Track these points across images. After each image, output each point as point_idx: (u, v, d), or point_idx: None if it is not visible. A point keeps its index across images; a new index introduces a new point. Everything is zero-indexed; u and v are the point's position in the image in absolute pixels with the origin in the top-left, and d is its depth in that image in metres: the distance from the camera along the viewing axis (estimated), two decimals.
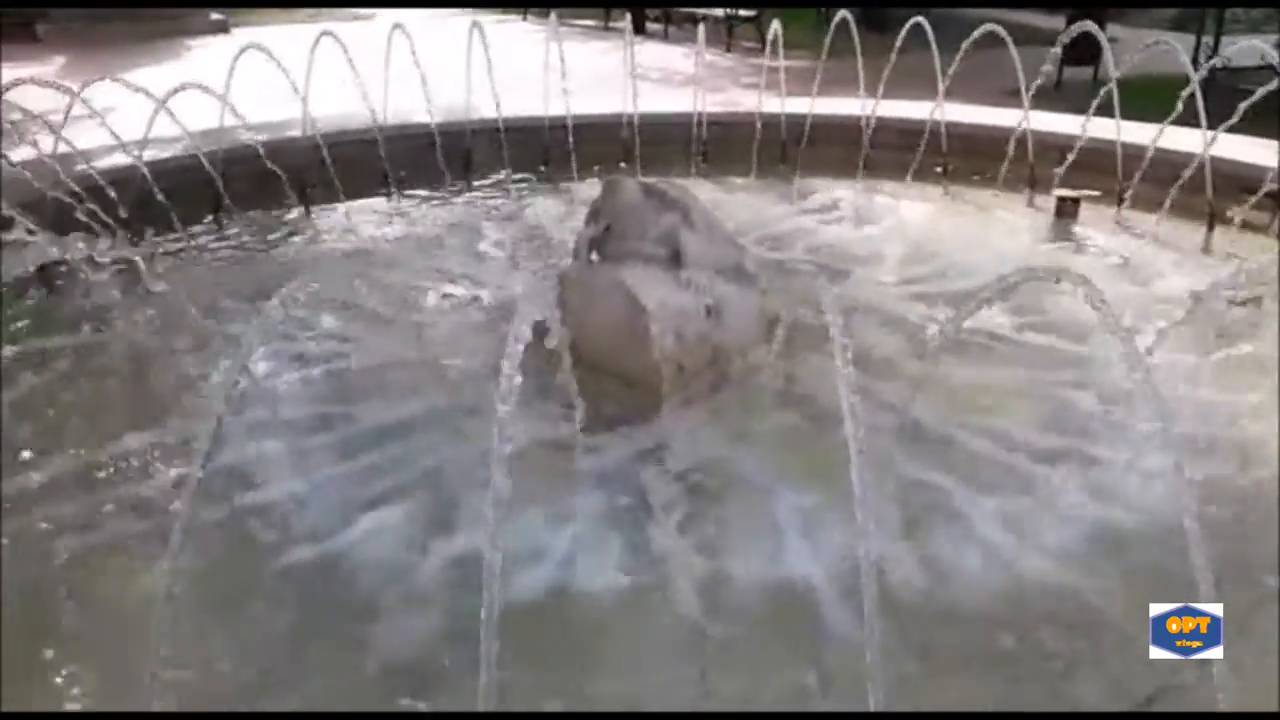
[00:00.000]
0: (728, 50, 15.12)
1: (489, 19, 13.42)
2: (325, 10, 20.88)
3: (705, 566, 2.57)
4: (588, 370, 3.50)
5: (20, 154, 3.93)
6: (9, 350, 3.31)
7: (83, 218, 3.89)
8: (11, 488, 2.78)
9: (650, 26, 17.61)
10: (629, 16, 7.75)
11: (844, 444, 1.78)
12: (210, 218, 5.13)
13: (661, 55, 13.82)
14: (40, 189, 3.87)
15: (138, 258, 3.55)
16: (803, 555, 2.61)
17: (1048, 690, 2.21)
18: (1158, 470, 2.83)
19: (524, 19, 19.17)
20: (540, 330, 2.85)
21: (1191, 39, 10.84)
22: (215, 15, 18.04)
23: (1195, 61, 10.51)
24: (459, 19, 5.91)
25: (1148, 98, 5.57)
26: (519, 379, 1.84)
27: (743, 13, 15.56)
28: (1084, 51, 10.58)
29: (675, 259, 3.67)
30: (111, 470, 2.95)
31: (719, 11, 15.67)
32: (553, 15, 6.87)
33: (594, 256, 3.87)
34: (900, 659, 2.15)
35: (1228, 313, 4.00)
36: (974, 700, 2.17)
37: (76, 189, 4.03)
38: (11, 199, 3.13)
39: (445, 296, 4.36)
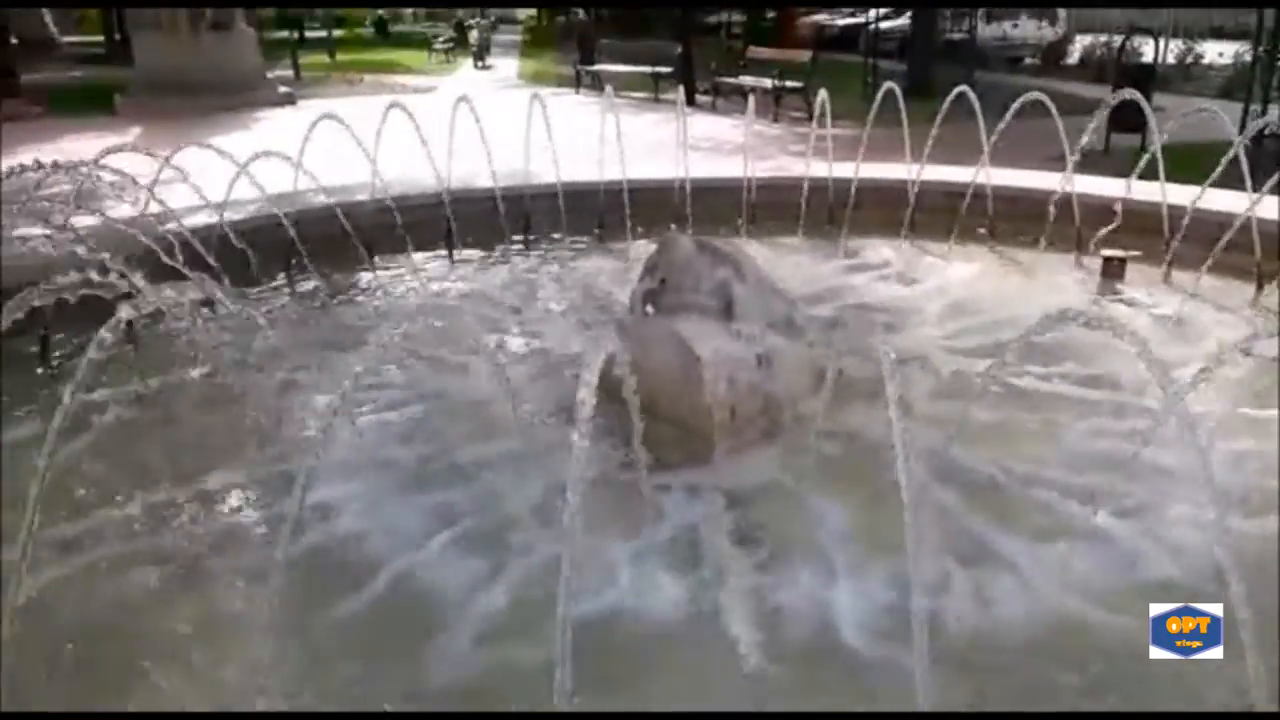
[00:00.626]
0: (775, 120, 15.43)
1: (544, 91, 13.93)
2: (386, 83, 21.73)
3: (757, 597, 2.69)
4: (643, 417, 3.67)
5: (120, 212, 4.22)
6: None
7: (178, 268, 4.17)
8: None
9: (699, 98, 18.05)
10: (680, 89, 8.04)
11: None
12: (283, 273, 5.42)
13: (711, 125, 14.19)
14: (143, 243, 4.16)
15: (247, 307, 3.78)
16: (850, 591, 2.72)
17: None
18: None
19: (577, 92, 19.75)
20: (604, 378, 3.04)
21: (1239, 107, 10.92)
22: (283, 89, 18.83)
23: (1243, 129, 10.60)
24: (517, 92, 6.23)
25: (1195, 163, 5.68)
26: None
27: (790, 84, 15.91)
28: (1131, 119, 10.74)
29: (727, 311, 3.84)
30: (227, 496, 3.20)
31: (767, 83, 16.04)
32: (608, 89, 7.16)
33: (649, 309, 4.06)
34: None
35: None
36: None
37: (171, 243, 4.32)
38: (118, 252, 3.38)
39: (507, 347, 4.56)
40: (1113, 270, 5.44)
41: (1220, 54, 19.92)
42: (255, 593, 2.48)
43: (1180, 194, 5.58)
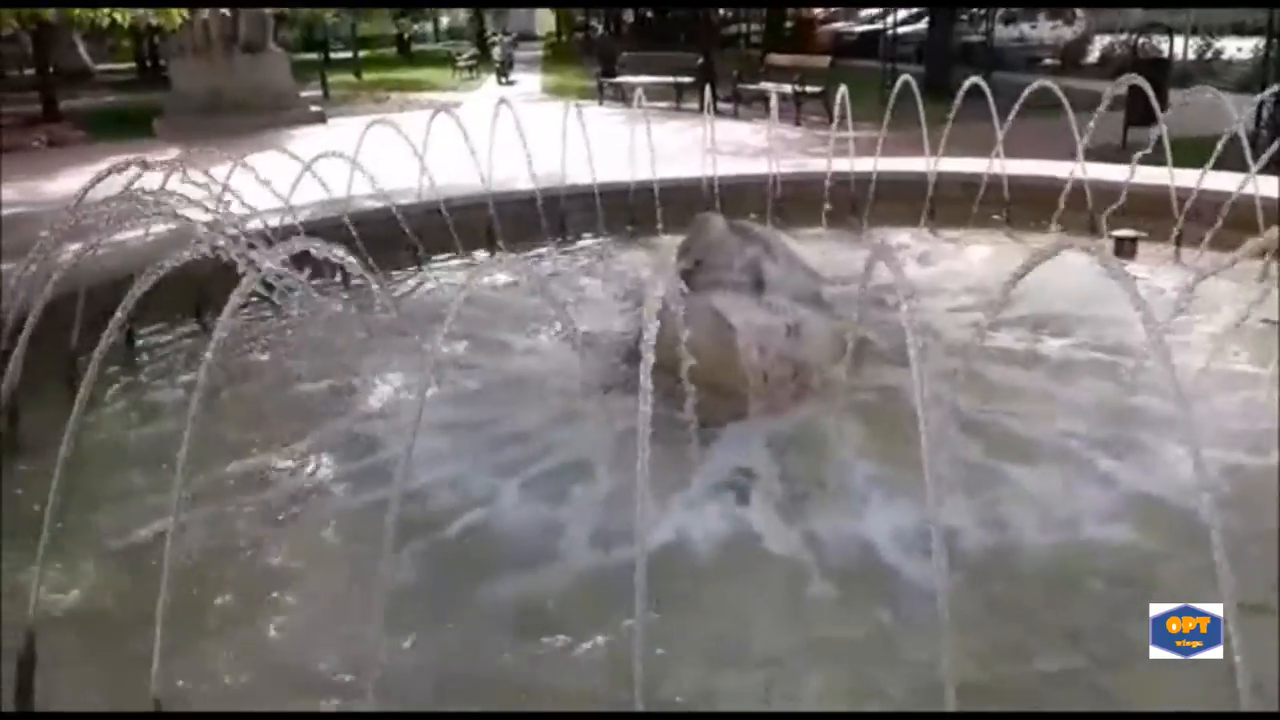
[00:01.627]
0: (796, 124, 15.75)
1: (563, 103, 14.30)
2: (412, 99, 22.26)
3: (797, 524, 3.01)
4: (683, 383, 4.01)
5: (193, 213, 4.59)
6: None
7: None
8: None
9: (721, 105, 18.40)
10: (707, 91, 8.37)
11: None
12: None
13: (734, 130, 14.52)
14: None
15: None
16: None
17: None
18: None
19: (600, 104, 20.15)
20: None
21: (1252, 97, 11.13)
22: (314, 108, 19.37)
23: (1259, 119, 10.82)
24: (542, 105, 6.66)
25: (1205, 151, 5.95)
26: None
27: (810, 89, 16.22)
28: (1148, 113, 10.97)
29: (758, 286, 4.16)
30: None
31: (787, 88, 16.36)
32: (638, 92, 7.53)
33: (684, 289, 4.38)
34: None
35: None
36: None
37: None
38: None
39: (552, 329, 4.91)
40: (1125, 250, 5.71)
41: (1239, 49, 20.03)
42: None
43: (1186, 177, 5.87)
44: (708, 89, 8.92)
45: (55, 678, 2.30)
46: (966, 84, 6.31)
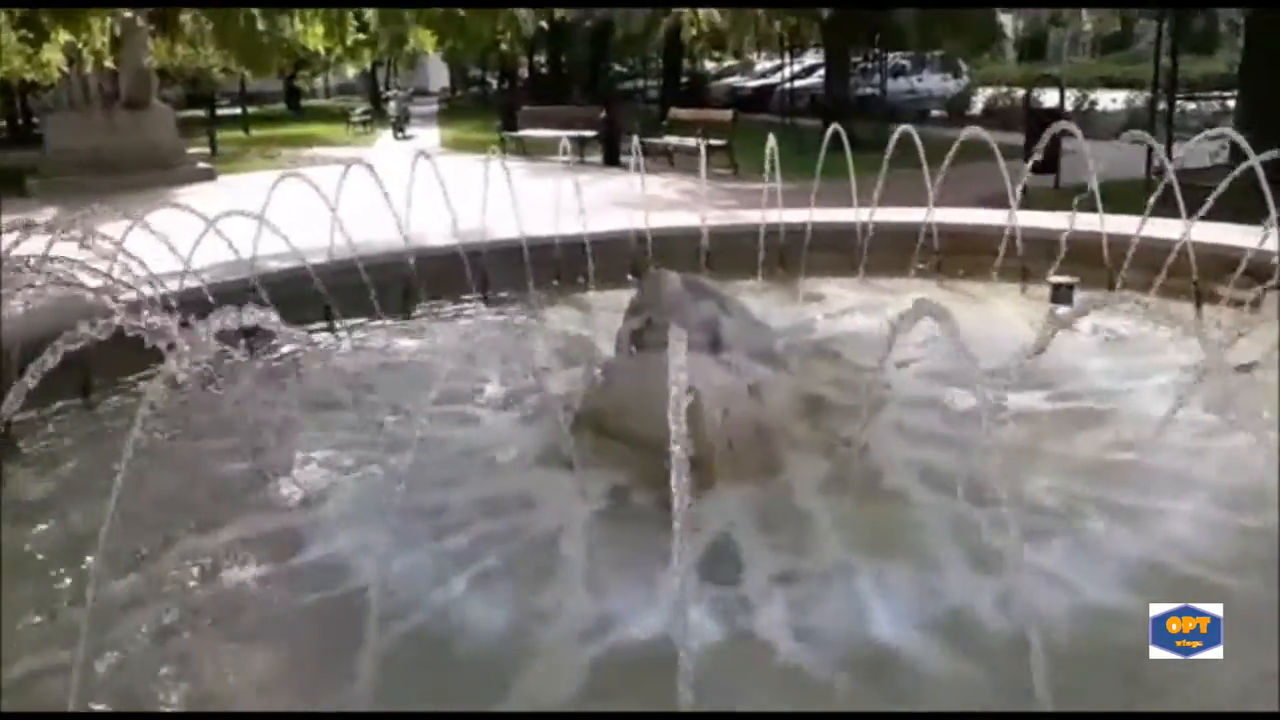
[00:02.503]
0: (702, 177, 15.76)
1: (463, 160, 13.93)
2: (305, 155, 21.65)
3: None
4: (638, 451, 3.71)
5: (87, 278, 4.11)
6: None
7: None
8: None
9: (624, 159, 18.39)
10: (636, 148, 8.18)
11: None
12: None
13: (635, 184, 14.42)
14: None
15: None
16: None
17: None
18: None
19: (501, 157, 19.91)
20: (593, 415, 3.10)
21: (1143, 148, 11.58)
22: (202, 165, 18.63)
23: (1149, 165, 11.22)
24: (443, 159, 6.36)
25: (1109, 199, 6.03)
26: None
27: (714, 141, 16.30)
28: (1044, 162, 11.28)
29: (715, 344, 3.90)
30: None
31: (691, 142, 16.41)
32: (564, 143, 7.28)
33: (633, 349, 4.10)
34: None
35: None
36: None
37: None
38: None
39: (486, 395, 4.55)
40: (1061, 295, 5.67)
41: (1113, 100, 21.03)
42: None
43: (1117, 224, 5.91)
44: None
45: None
46: (896, 134, 6.26)
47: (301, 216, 5.63)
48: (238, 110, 30.05)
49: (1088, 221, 5.85)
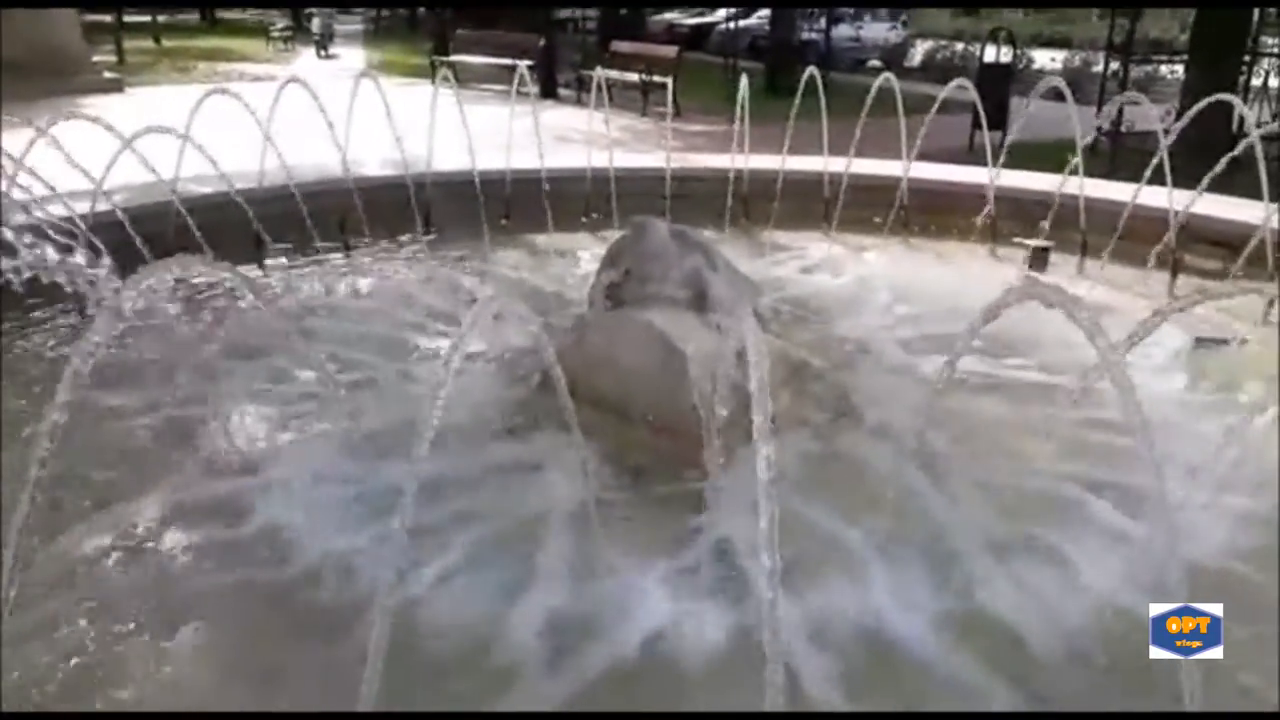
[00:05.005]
0: (643, 115, 15.31)
1: (392, 82, 13.16)
2: (222, 71, 20.44)
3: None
4: (612, 418, 3.38)
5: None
6: None
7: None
8: None
9: (562, 92, 17.77)
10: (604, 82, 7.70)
11: None
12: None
13: (579, 119, 13.90)
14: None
15: None
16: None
17: None
18: None
19: (432, 83, 19.06)
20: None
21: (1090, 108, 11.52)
22: (109, 74, 17.39)
23: (1100, 126, 11.17)
24: (369, 83, 5.74)
25: (1050, 159, 5.84)
26: None
27: (656, 78, 15.79)
28: (993, 118, 11.16)
29: (698, 301, 3.57)
30: None
31: (632, 77, 15.90)
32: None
33: (608, 304, 3.74)
34: None
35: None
36: None
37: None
38: None
39: (435, 347, 4.16)
40: (1037, 261, 5.48)
41: (1052, 59, 21.04)
42: None
43: (1095, 188, 5.74)
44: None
45: None
46: (879, 85, 5.95)
47: (223, 137, 5.05)
48: (147, 18, 28.21)
49: (1070, 183, 5.63)
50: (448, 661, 2.24)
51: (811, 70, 6.22)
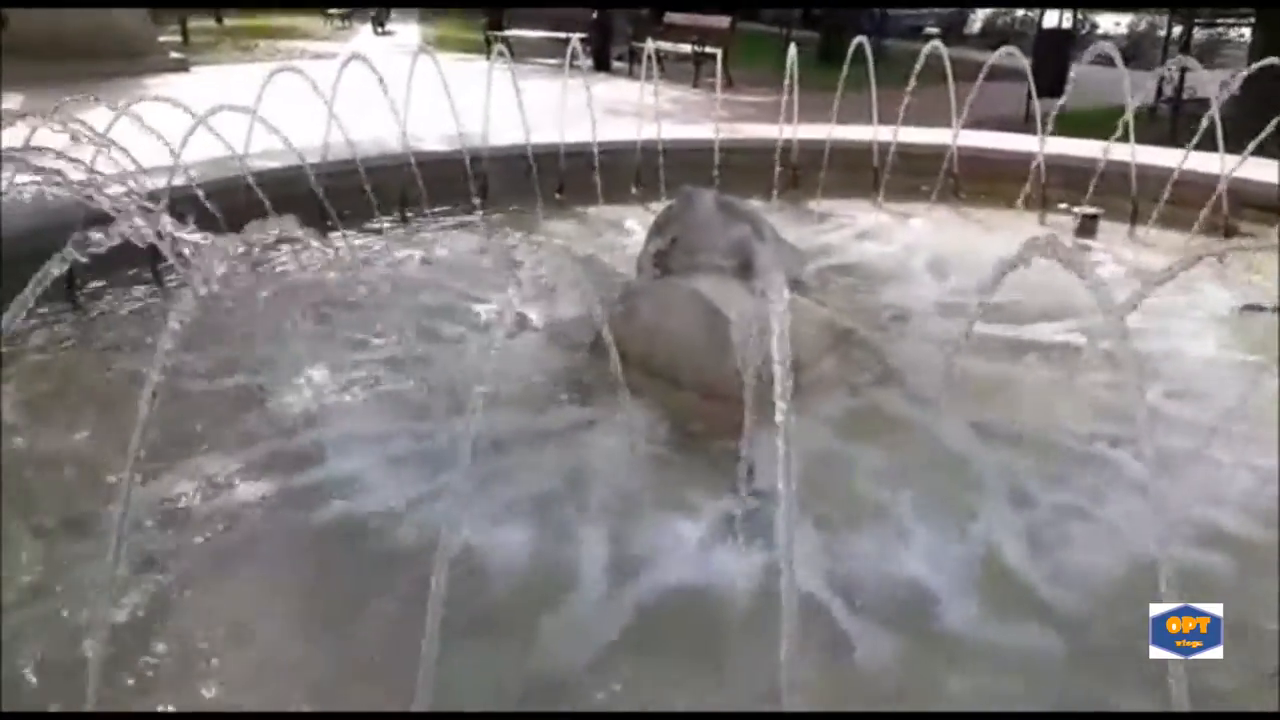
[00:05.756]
0: (694, 86, 15.32)
1: (448, 58, 13.36)
2: (283, 49, 20.81)
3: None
4: (661, 383, 3.52)
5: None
6: None
7: None
8: None
9: (615, 65, 17.83)
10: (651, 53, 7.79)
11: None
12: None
13: (632, 91, 13.97)
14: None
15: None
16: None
17: None
18: None
19: (486, 58, 19.24)
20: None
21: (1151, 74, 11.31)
22: (175, 55, 17.82)
23: (1160, 92, 10.96)
24: (427, 58, 5.93)
25: (1109, 125, 5.82)
26: None
27: (708, 49, 15.78)
28: (1049, 85, 11.00)
29: (745, 269, 3.69)
30: None
31: (685, 49, 15.91)
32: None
33: (657, 272, 3.88)
34: None
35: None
36: None
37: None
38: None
39: (492, 314, 4.34)
40: (1086, 228, 5.49)
41: (1117, 23, 20.57)
42: None
43: (1148, 155, 5.71)
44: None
45: None
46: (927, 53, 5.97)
47: (288, 113, 5.26)
48: None
49: (1122, 151, 5.61)
50: (511, 587, 2.44)
51: (860, 39, 6.23)
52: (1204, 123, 5.24)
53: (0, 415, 3.26)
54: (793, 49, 6.29)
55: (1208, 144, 5.39)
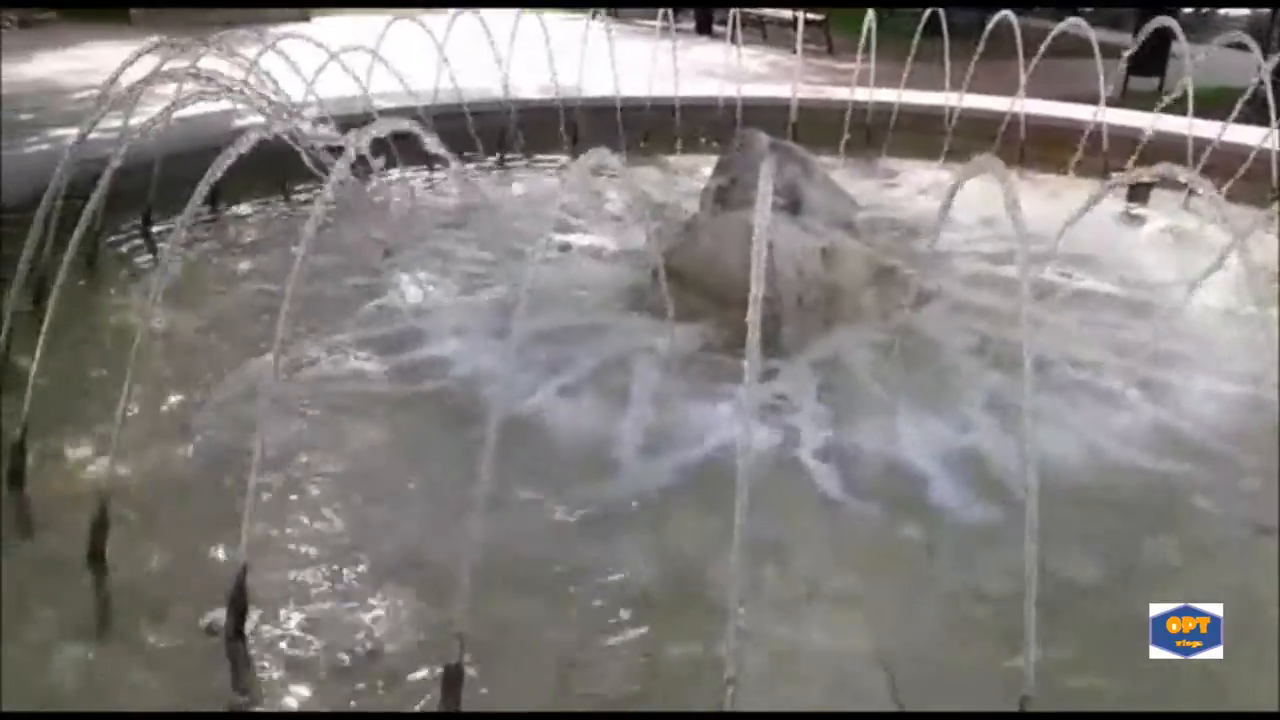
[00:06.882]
0: (794, 51, 15.55)
1: (554, 17, 14.00)
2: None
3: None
4: (714, 303, 4.03)
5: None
6: None
7: None
8: None
9: (716, 29, 18.11)
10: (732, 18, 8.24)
11: None
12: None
13: (731, 56, 14.32)
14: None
15: None
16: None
17: None
18: None
19: (592, 17, 19.72)
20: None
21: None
22: (297, 5, 18.77)
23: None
24: (528, 17, 6.60)
25: (1215, 105, 6.00)
26: None
27: (810, 15, 15.98)
28: (1150, 64, 11.00)
29: (795, 207, 4.16)
30: None
31: (786, 13, 16.13)
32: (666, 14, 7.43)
33: (717, 207, 4.37)
34: None
35: None
36: None
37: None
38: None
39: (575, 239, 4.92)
40: (1138, 194, 5.77)
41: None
42: None
43: (1204, 128, 5.92)
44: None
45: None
46: (991, 23, 6.28)
47: (403, 59, 5.89)
48: None
49: (1174, 124, 5.86)
50: (563, 451, 3.01)
51: (937, 10, 6.57)
52: None
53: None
54: (869, 13, 6.67)
55: None
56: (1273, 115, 5.52)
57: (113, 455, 2.30)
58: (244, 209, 5.14)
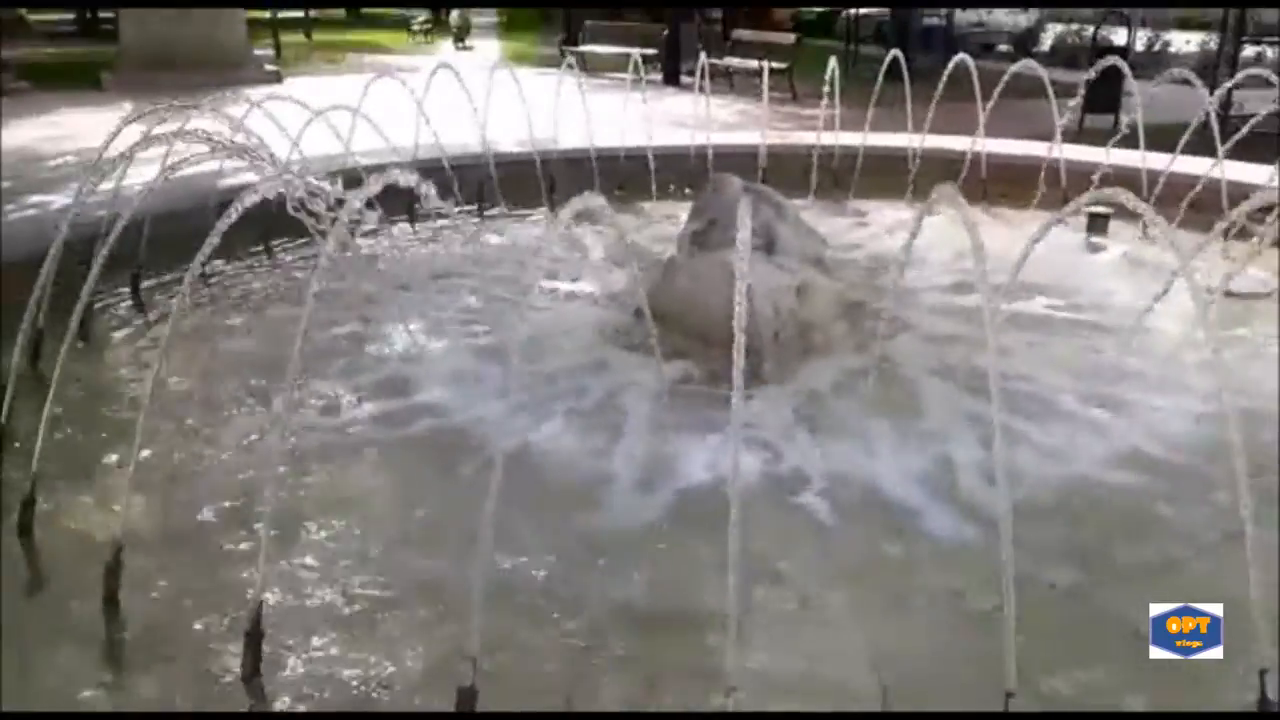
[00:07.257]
0: (759, 99, 15.93)
1: (525, 71, 14.32)
2: (369, 62, 21.95)
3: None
4: (695, 342, 4.17)
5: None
6: None
7: None
8: None
9: (684, 79, 18.52)
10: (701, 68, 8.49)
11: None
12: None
13: (700, 104, 14.67)
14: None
15: None
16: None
17: None
18: None
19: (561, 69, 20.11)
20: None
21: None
22: (269, 66, 19.02)
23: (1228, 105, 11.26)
24: (505, 72, 6.86)
25: (1159, 139, 6.26)
26: None
27: (775, 65, 16.40)
28: (1104, 100, 11.37)
29: (770, 247, 4.33)
30: None
31: (753, 64, 16.54)
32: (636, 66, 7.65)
33: (694, 249, 4.54)
34: None
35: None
36: None
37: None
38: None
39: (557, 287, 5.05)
40: (1097, 226, 5.99)
41: (1187, 41, 20.67)
42: None
43: (1155, 160, 6.18)
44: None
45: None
46: (951, 65, 6.55)
47: (379, 118, 6.04)
48: (299, 13, 30.24)
49: (1128, 157, 6.11)
50: (560, 483, 3.14)
51: (895, 53, 6.85)
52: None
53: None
54: (832, 62, 6.95)
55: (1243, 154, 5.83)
56: (1219, 146, 5.76)
57: (125, 502, 2.39)
58: (229, 266, 5.25)
